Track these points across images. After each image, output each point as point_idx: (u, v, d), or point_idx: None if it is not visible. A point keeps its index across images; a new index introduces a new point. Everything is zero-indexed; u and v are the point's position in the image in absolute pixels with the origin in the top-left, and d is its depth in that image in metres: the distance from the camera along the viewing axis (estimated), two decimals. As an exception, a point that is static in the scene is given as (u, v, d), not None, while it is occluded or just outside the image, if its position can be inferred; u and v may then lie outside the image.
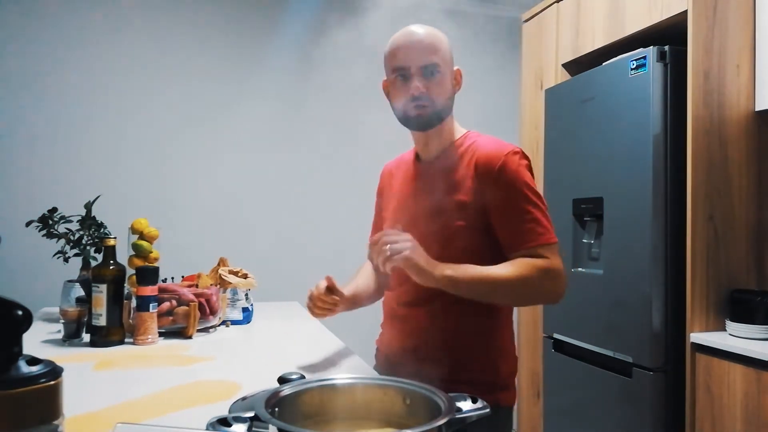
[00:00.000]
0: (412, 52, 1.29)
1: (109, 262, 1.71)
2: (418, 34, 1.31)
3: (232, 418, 0.71)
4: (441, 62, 1.30)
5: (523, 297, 1.34)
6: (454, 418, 0.74)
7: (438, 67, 1.29)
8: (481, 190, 1.27)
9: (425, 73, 1.28)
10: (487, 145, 1.31)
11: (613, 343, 2.30)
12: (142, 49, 3.36)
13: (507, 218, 1.26)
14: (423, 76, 1.29)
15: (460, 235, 1.28)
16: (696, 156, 2.07)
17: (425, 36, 1.30)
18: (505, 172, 1.26)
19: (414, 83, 1.28)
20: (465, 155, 1.32)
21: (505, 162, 1.26)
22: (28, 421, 0.65)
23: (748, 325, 1.95)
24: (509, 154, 1.27)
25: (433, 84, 1.29)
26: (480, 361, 1.32)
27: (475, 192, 1.27)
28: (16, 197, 3.07)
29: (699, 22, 2.08)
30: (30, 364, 0.67)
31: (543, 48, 3.04)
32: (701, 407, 2.02)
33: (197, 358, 1.54)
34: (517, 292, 1.25)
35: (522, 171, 1.27)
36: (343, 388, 0.89)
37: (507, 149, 1.28)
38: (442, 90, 1.31)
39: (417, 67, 1.28)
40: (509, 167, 1.26)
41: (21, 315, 0.68)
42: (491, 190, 1.26)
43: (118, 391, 1.23)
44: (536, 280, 1.22)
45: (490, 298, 1.26)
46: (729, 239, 2.09)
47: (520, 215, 1.25)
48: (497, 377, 1.33)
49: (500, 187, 1.26)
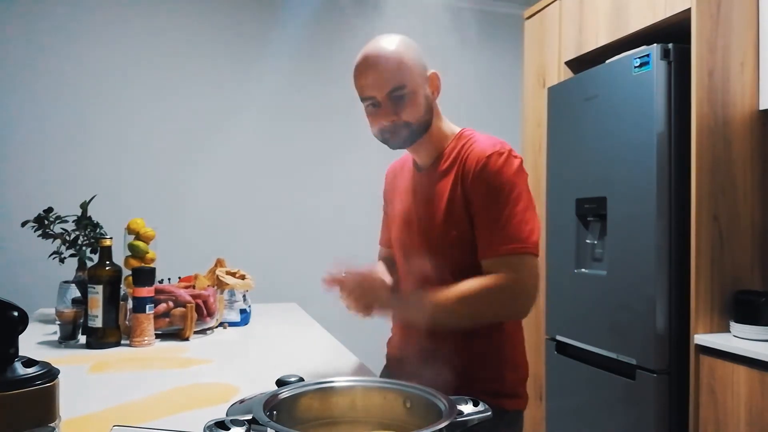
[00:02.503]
0: (375, 80, 1.23)
1: (105, 262, 1.69)
2: (379, 59, 1.23)
3: (229, 422, 0.70)
4: (408, 81, 1.23)
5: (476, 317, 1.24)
6: (455, 421, 0.73)
7: (405, 88, 1.23)
8: (465, 193, 1.24)
9: (393, 98, 1.23)
10: (475, 146, 1.26)
11: (616, 344, 2.28)
12: (139, 50, 3.35)
13: (481, 224, 1.22)
14: (391, 102, 1.24)
15: (456, 242, 1.25)
16: (700, 155, 2.05)
17: (387, 58, 1.23)
18: (484, 174, 1.21)
19: (384, 111, 1.25)
20: (456, 159, 1.28)
21: (486, 163, 1.21)
22: (24, 423, 0.65)
23: (753, 326, 1.93)
24: (493, 155, 1.22)
25: (404, 108, 1.24)
26: (486, 369, 1.28)
27: (462, 195, 1.24)
28: (12, 197, 3.06)
29: (703, 20, 2.07)
30: (26, 366, 0.68)
31: (545, 45, 3.02)
32: (705, 409, 2.00)
33: (194, 360, 1.53)
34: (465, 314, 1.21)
35: (504, 172, 1.21)
36: (342, 390, 0.88)
37: (491, 149, 1.23)
38: (415, 109, 1.25)
39: (383, 94, 1.23)
40: (489, 169, 1.21)
41: (17, 316, 0.69)
42: (472, 193, 1.23)
43: (115, 394, 1.22)
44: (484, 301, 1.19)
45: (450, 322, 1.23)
46: (733, 239, 2.07)
47: (493, 221, 1.20)
48: (503, 386, 1.29)
49: (478, 189, 1.22)
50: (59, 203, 2.08)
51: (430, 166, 1.34)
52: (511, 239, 1.18)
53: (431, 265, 1.25)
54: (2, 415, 0.63)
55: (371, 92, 1.25)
